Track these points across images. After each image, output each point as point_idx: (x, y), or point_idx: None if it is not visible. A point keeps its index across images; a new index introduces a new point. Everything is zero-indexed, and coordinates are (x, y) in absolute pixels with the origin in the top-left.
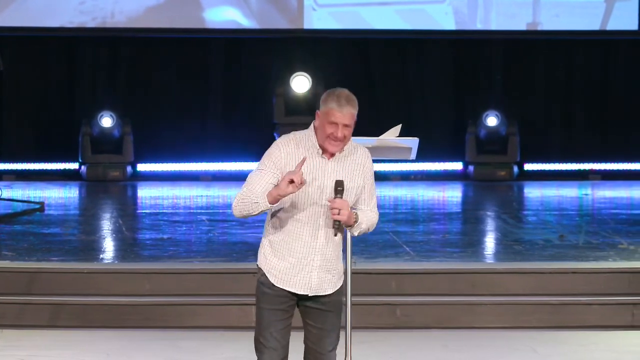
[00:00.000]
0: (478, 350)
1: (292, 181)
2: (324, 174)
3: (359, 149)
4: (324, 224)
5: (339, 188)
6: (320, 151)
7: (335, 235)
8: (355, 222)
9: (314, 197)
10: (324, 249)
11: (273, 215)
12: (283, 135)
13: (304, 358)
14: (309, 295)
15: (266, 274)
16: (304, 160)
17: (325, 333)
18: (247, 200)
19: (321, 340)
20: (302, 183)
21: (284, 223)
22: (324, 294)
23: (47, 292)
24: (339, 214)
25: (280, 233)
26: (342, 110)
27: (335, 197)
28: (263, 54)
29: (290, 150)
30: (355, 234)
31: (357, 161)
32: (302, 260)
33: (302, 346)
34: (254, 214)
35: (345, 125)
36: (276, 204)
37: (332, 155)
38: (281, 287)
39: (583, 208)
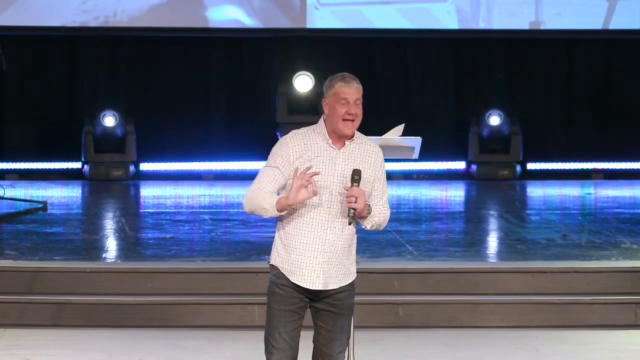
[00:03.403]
0: (480, 350)
1: (302, 187)
2: (334, 165)
3: (370, 143)
4: (334, 214)
5: (355, 177)
6: (330, 141)
7: (350, 224)
8: (369, 213)
9: (322, 188)
10: (333, 241)
11: None
12: (290, 132)
13: (312, 357)
14: (316, 289)
15: (279, 268)
16: (311, 172)
17: (335, 336)
18: (256, 203)
19: (330, 343)
20: (314, 193)
21: (294, 216)
22: (327, 288)
23: (50, 291)
24: (355, 202)
25: (290, 226)
26: (350, 85)
27: (352, 186)
28: (265, 53)
29: (299, 142)
30: (368, 227)
31: (367, 153)
32: (310, 253)
33: (312, 345)
34: (262, 217)
35: (356, 101)
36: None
37: (343, 145)
38: (291, 279)
39: (586, 207)
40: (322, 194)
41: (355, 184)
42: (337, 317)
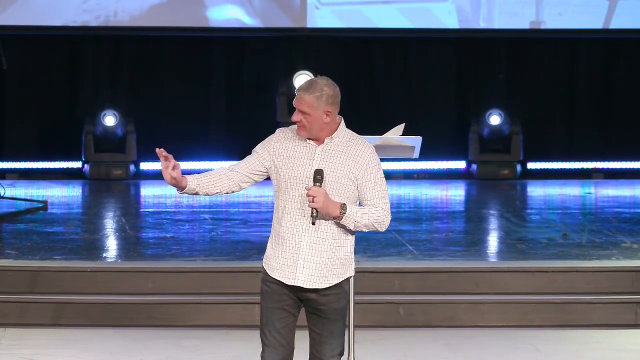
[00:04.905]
0: (481, 349)
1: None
2: (312, 161)
3: (358, 141)
4: (309, 211)
5: (317, 176)
6: (309, 139)
7: (313, 223)
8: (343, 213)
9: (299, 183)
10: (312, 237)
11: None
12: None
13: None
14: (289, 284)
15: (264, 266)
16: (160, 152)
17: (324, 339)
18: None
19: (320, 346)
20: (171, 176)
21: (277, 212)
22: (310, 287)
23: (50, 290)
24: (313, 201)
25: (275, 223)
26: (297, 94)
27: (314, 185)
28: (266, 52)
29: (283, 136)
30: (352, 227)
31: (350, 152)
32: (290, 248)
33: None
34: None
35: (301, 112)
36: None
37: (322, 142)
38: (272, 275)
39: (586, 207)
40: (298, 188)
41: (317, 183)
42: (325, 321)
